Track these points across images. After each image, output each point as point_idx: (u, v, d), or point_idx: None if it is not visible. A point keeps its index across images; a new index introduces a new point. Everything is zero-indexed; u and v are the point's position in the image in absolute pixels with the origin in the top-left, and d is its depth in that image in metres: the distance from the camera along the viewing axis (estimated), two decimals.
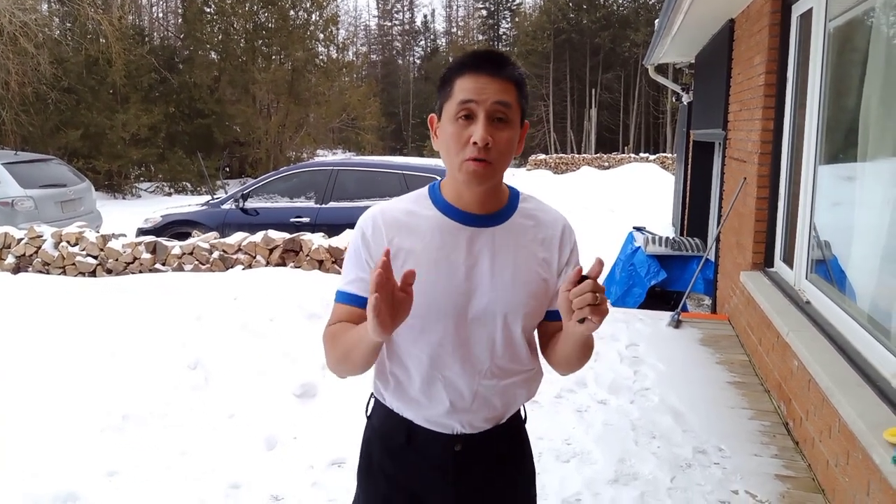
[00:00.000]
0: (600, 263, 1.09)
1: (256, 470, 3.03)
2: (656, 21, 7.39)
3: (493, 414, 1.35)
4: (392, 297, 1.09)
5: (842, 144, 3.47)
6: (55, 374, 4.14)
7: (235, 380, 4.06)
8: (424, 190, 1.36)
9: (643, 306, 6.14)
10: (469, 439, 1.35)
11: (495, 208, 1.32)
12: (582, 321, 1.10)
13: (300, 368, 4.05)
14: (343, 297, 1.34)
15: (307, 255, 6.60)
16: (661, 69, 9.87)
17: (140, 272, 6.82)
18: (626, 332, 4.83)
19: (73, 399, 3.79)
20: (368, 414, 1.46)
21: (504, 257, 1.29)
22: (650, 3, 40.30)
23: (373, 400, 1.44)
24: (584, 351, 1.30)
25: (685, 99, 9.32)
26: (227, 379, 4.08)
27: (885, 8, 2.91)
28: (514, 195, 1.36)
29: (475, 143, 1.20)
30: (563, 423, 3.41)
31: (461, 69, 1.24)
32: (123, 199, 19.26)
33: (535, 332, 1.41)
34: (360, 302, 1.30)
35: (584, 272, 1.10)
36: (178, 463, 3.10)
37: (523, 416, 1.48)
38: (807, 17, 3.81)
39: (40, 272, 6.96)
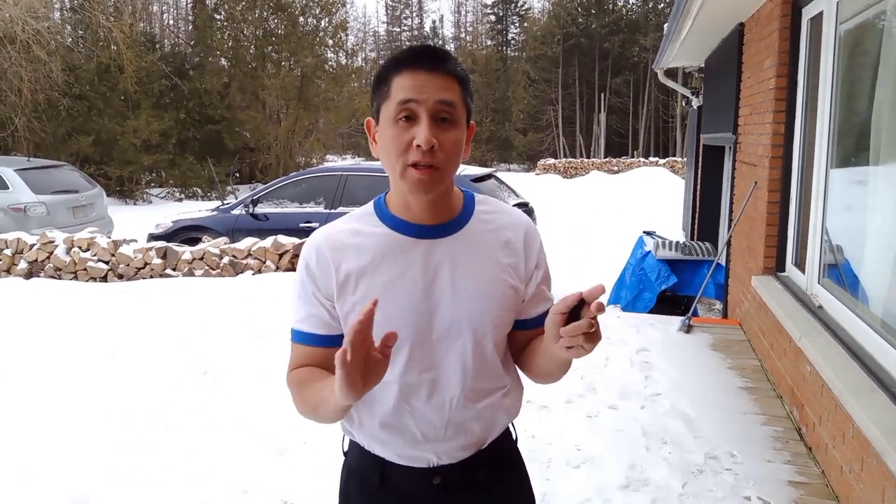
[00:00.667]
0: (601, 289, 0.97)
1: (266, 475, 3.03)
2: (665, 25, 7.38)
3: (471, 440, 1.24)
4: (366, 359, 0.97)
5: (853, 148, 3.45)
6: (62, 377, 4.17)
7: (242, 382, 4.08)
8: (369, 206, 1.24)
9: (653, 311, 6.11)
10: (448, 470, 1.23)
11: (449, 216, 1.20)
12: (571, 346, 0.99)
13: None
14: (298, 337, 1.23)
15: None
16: (671, 73, 9.87)
17: (151, 277, 6.87)
18: (636, 337, 4.80)
19: (78, 401, 3.83)
20: (345, 451, 1.35)
21: (465, 268, 1.18)
22: (659, 7, 40.28)
23: (346, 438, 1.33)
24: (564, 367, 1.21)
25: (695, 103, 9.30)
26: (233, 381, 4.09)
27: None
28: (468, 199, 1.25)
29: (419, 146, 1.08)
30: (574, 428, 3.39)
31: (397, 66, 1.12)
32: (135, 204, 19.42)
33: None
34: (315, 340, 1.21)
35: (584, 295, 0.97)
36: (191, 467, 3.10)
37: (514, 436, 1.36)
38: (817, 20, 3.80)
39: (52, 277, 7.01)
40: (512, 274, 1.22)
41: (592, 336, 0.98)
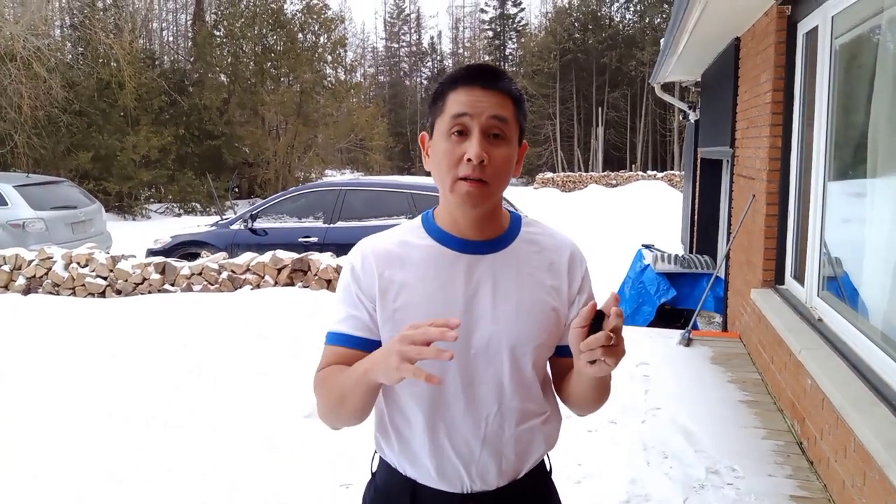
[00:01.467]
0: (616, 298, 0.98)
1: (266, 475, 3.01)
2: (662, 40, 7.43)
3: (507, 467, 1.21)
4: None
5: (851, 160, 3.46)
6: (62, 379, 4.18)
7: (242, 383, 4.06)
8: (418, 220, 1.25)
9: (653, 324, 6.10)
10: (482, 498, 1.20)
11: (495, 233, 1.21)
12: (593, 362, 0.99)
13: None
14: (334, 338, 1.21)
15: (315, 275, 6.60)
16: (668, 87, 9.91)
17: (149, 293, 6.85)
18: (636, 350, 4.79)
19: (78, 402, 3.85)
20: (373, 471, 1.32)
21: (507, 285, 1.18)
22: (656, 22, 40.54)
23: (377, 456, 1.31)
24: (600, 392, 1.20)
25: (692, 117, 9.33)
26: (233, 382, 4.08)
27: (891, 25, 2.91)
28: (515, 219, 1.26)
29: (469, 160, 1.10)
30: (574, 443, 3.37)
31: (454, 82, 1.15)
32: (133, 220, 19.42)
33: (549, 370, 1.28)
34: (353, 342, 1.19)
35: (600, 307, 0.99)
36: (191, 467, 3.08)
37: (548, 467, 1.33)
38: (812, 34, 3.82)
39: (50, 293, 7.00)
40: (554, 296, 1.21)
41: (613, 350, 0.98)
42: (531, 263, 1.21)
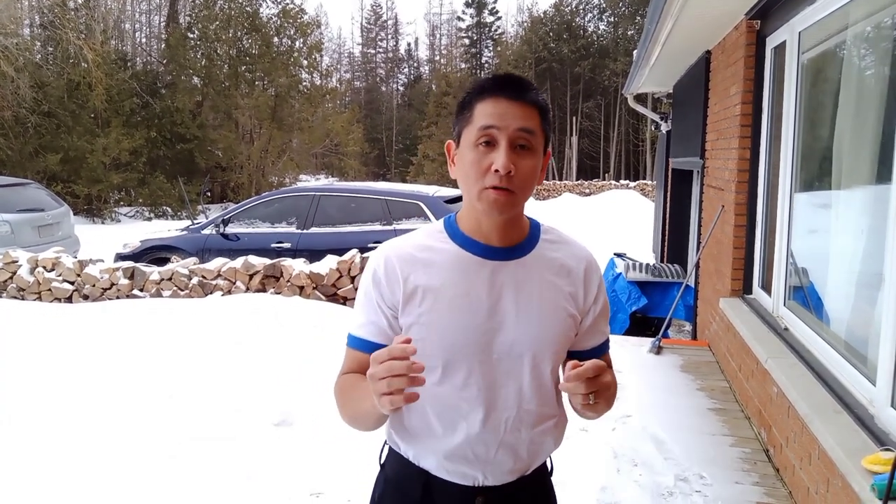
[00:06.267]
0: (597, 367, 1.08)
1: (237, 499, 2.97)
2: (635, 52, 7.52)
3: (518, 465, 1.26)
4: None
5: (816, 173, 3.53)
6: (40, 387, 4.06)
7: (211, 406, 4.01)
8: (439, 223, 1.28)
9: (626, 332, 6.15)
10: (491, 492, 1.25)
11: (517, 240, 1.24)
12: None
13: (279, 396, 3.99)
14: (354, 342, 1.26)
15: (288, 281, 6.55)
16: (641, 98, 10.04)
17: (117, 298, 6.73)
18: None
19: (66, 409, 3.72)
20: (382, 462, 1.35)
21: (529, 292, 1.22)
22: (629, 33, 41.11)
23: (387, 447, 1.34)
24: (604, 403, 1.20)
25: (664, 127, 9.46)
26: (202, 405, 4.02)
27: (856, 41, 2.99)
28: (535, 227, 1.29)
29: (497, 171, 1.13)
30: None
31: (482, 93, 1.18)
32: (102, 223, 19.09)
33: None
34: (370, 348, 1.20)
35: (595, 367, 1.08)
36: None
37: (550, 467, 1.38)
38: (781, 49, 3.90)
39: (14, 298, 6.83)
40: (571, 302, 1.25)
41: (591, 406, 1.11)
42: (551, 270, 1.25)
